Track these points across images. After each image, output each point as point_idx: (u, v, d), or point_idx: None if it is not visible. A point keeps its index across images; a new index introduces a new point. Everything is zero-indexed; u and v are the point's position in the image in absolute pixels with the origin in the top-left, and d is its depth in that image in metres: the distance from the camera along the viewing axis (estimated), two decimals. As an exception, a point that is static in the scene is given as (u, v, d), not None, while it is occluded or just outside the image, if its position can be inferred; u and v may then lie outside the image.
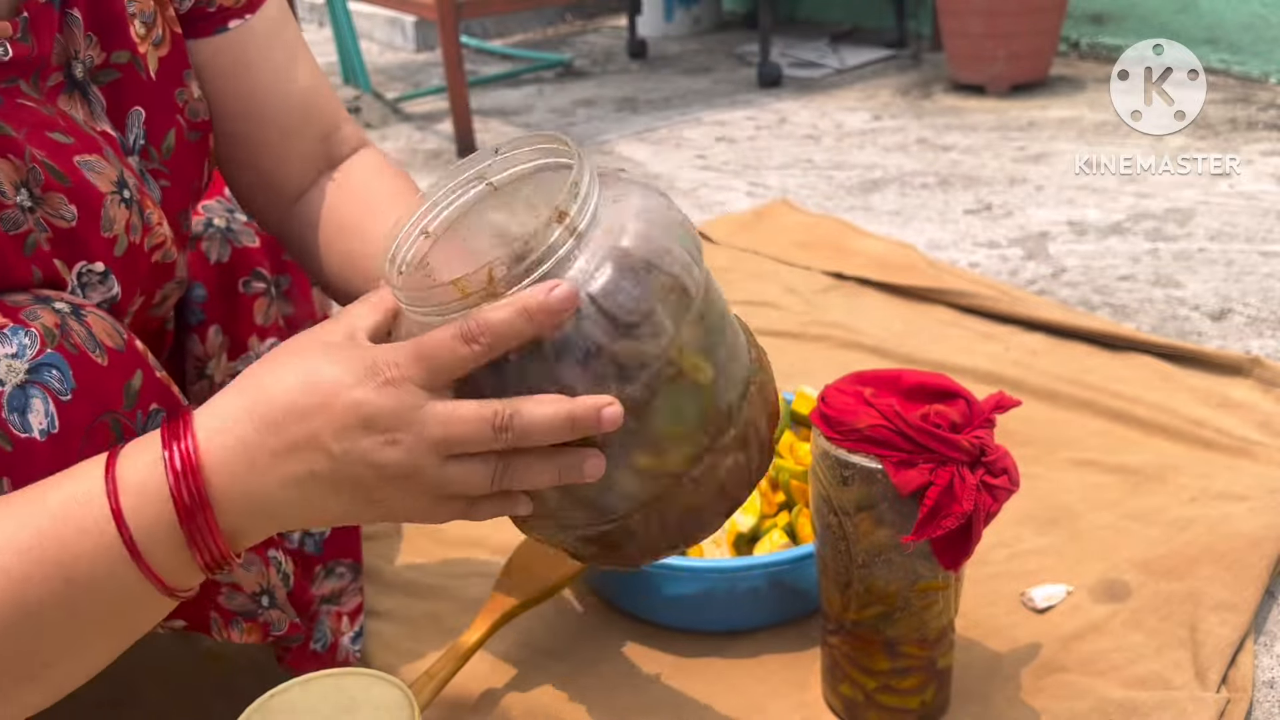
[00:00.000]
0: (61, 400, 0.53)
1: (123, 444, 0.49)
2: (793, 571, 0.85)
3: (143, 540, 0.46)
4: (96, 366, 0.54)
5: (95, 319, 0.56)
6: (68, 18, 0.62)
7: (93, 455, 0.50)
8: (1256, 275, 1.51)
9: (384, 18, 3.87)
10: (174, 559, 0.47)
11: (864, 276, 1.54)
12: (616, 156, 2.36)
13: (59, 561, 0.45)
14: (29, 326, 0.53)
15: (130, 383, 0.56)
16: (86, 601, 0.46)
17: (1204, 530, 0.96)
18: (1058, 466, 1.08)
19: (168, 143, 0.68)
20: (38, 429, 0.52)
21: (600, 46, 3.61)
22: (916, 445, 0.66)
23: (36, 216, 0.58)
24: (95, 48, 0.64)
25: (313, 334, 0.50)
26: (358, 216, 0.73)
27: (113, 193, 0.62)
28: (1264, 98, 2.37)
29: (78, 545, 0.46)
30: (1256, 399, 1.17)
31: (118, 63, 0.65)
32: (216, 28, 0.70)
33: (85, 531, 0.46)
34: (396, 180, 0.77)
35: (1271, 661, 0.85)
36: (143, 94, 0.66)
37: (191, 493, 0.46)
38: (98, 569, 0.46)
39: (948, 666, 0.78)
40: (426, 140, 2.60)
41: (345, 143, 0.79)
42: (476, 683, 0.85)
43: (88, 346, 0.54)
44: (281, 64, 0.73)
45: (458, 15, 2.32)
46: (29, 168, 0.58)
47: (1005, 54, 2.49)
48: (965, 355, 1.31)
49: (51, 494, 0.47)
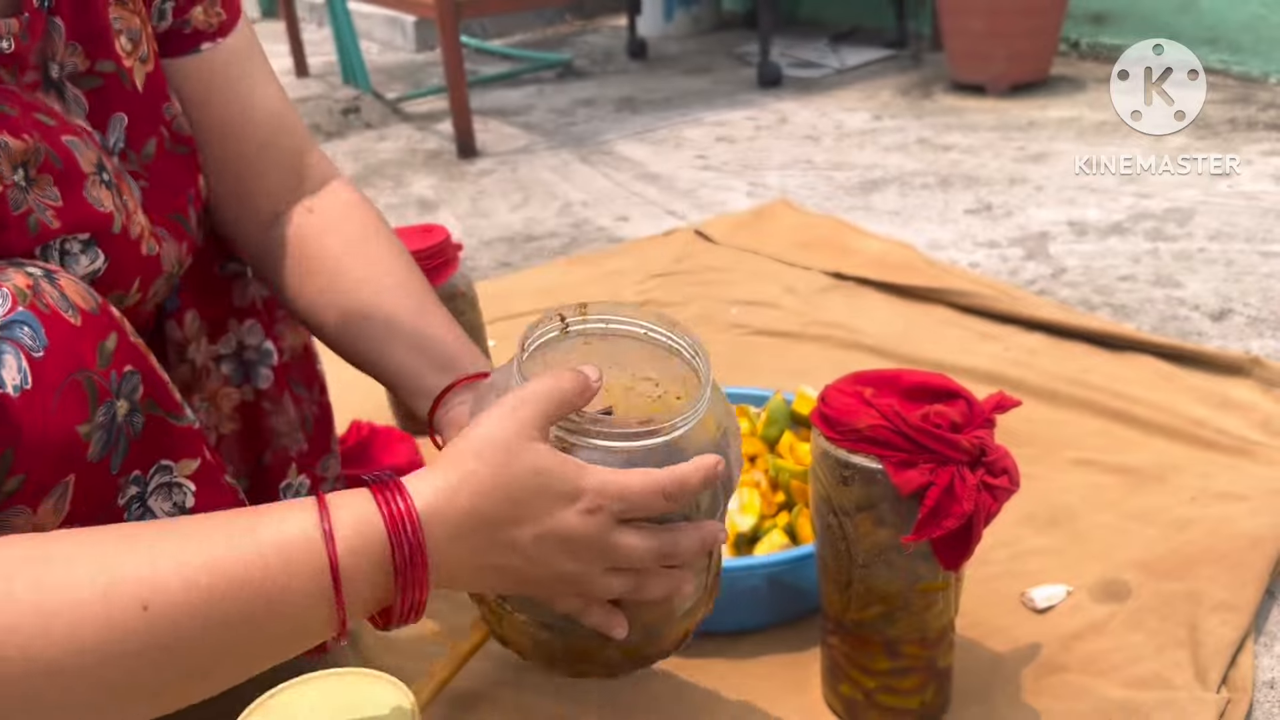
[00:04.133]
0: (34, 357, 0.53)
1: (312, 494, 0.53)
2: (793, 571, 0.85)
3: (347, 587, 0.50)
4: (69, 326, 0.54)
5: (68, 282, 0.56)
6: (50, 24, 0.64)
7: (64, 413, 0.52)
8: (1256, 275, 1.51)
9: (384, 17, 3.87)
10: (362, 608, 0.52)
11: (864, 276, 1.54)
12: (617, 156, 2.36)
13: (264, 591, 0.48)
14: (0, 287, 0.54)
15: (104, 343, 0.56)
16: (272, 628, 0.50)
17: (1204, 530, 0.96)
18: (1058, 466, 1.08)
19: (147, 150, 0.71)
20: (10, 384, 0.52)
21: (600, 46, 3.61)
22: (917, 445, 0.66)
23: (32, 197, 0.60)
24: (79, 55, 0.66)
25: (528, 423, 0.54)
26: (328, 254, 0.77)
27: (93, 174, 0.64)
28: (1264, 98, 2.37)
29: (286, 579, 0.49)
30: (1256, 399, 1.17)
31: (102, 71, 0.67)
32: (190, 48, 0.74)
33: (296, 565, 0.49)
34: (366, 217, 0.80)
35: (1271, 661, 0.85)
36: (126, 103, 0.69)
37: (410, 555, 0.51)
38: (299, 599, 0.49)
39: (948, 666, 0.78)
40: (426, 140, 2.60)
41: (314, 170, 0.81)
42: (477, 683, 0.84)
43: (60, 306, 0.54)
44: (251, 86, 0.77)
45: (457, 15, 2.32)
46: (34, 147, 0.60)
47: (1005, 54, 2.49)
48: (965, 355, 1.31)
49: (261, 526, 0.50)
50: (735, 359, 1.36)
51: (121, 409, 0.56)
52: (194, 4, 0.74)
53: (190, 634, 0.47)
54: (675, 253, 1.72)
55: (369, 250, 0.77)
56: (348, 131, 2.71)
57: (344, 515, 0.51)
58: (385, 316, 0.74)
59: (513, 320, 1.53)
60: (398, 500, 0.52)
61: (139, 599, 0.45)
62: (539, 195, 2.14)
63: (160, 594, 0.46)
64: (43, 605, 0.44)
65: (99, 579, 0.45)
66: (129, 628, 0.45)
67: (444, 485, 0.53)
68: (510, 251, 1.86)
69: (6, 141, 0.58)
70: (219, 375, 0.83)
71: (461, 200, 2.16)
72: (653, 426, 0.55)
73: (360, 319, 0.75)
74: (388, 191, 2.24)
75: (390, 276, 0.76)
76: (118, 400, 0.56)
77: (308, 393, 0.89)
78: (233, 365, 0.84)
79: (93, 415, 0.54)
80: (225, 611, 0.47)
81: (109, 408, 0.55)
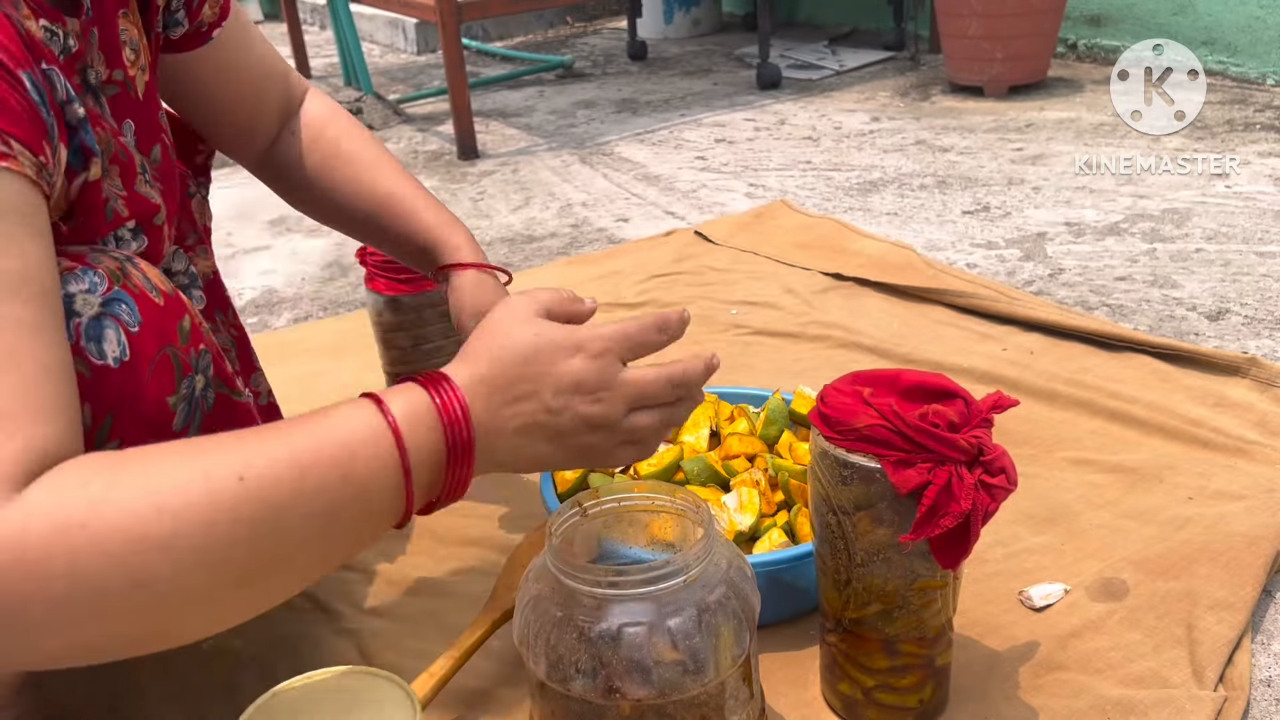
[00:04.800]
0: (131, 331, 0.58)
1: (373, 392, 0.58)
2: (792, 570, 0.85)
3: (414, 465, 0.55)
4: (155, 305, 0.59)
5: (146, 266, 0.61)
6: (91, 32, 0.67)
7: (157, 384, 0.57)
8: (1253, 275, 1.52)
9: (385, 20, 3.88)
10: (425, 487, 0.57)
11: (863, 277, 1.55)
12: (617, 157, 2.37)
13: (341, 462, 0.52)
14: (95, 268, 0.58)
15: (182, 323, 0.62)
16: (349, 505, 0.53)
17: (1201, 529, 0.96)
18: (1055, 466, 1.09)
19: (154, 154, 0.75)
20: (111, 356, 0.56)
21: (600, 48, 3.61)
22: (915, 445, 0.66)
23: (107, 186, 0.64)
24: (102, 65, 0.69)
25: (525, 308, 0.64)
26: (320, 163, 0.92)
27: (140, 173, 0.68)
28: (1261, 99, 2.38)
29: (361, 454, 0.53)
30: (1253, 399, 1.17)
31: (116, 80, 0.70)
32: (205, 40, 0.84)
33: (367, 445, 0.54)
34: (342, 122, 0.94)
35: (1269, 660, 0.85)
36: (133, 110, 0.73)
37: (461, 434, 0.58)
38: (373, 478, 0.54)
39: (946, 665, 0.78)
40: (427, 142, 2.61)
41: (294, 90, 0.94)
42: (478, 680, 0.85)
43: (146, 288, 0.59)
44: (250, 47, 0.88)
45: (459, 17, 2.33)
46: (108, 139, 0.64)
47: (1003, 56, 2.49)
48: (963, 355, 1.31)
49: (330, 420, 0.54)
50: (734, 359, 1.37)
51: (199, 384, 0.61)
52: (203, 6, 0.81)
53: (280, 504, 0.50)
54: (675, 253, 1.73)
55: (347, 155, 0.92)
56: (348, 133, 2.72)
57: (400, 405, 0.56)
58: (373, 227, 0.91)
59: (513, 321, 1.53)
60: (445, 387, 0.58)
61: (234, 473, 0.49)
62: (539, 196, 2.15)
63: (253, 468, 0.49)
64: (150, 486, 0.47)
65: (198, 463, 0.49)
66: (227, 500, 0.48)
67: (472, 369, 0.60)
68: (511, 252, 1.86)
69: (96, 133, 0.61)
70: None
71: (462, 201, 2.16)
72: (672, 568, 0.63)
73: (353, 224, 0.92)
74: (388, 193, 2.24)
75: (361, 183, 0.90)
76: (196, 375, 0.61)
77: (225, 315, 0.93)
78: None
79: (178, 388, 0.59)
80: (306, 482, 0.51)
81: (190, 382, 0.60)
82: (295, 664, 0.88)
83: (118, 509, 0.45)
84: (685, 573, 0.64)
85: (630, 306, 1.55)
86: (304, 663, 0.88)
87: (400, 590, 0.98)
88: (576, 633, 0.64)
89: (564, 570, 0.65)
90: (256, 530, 0.49)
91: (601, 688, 0.63)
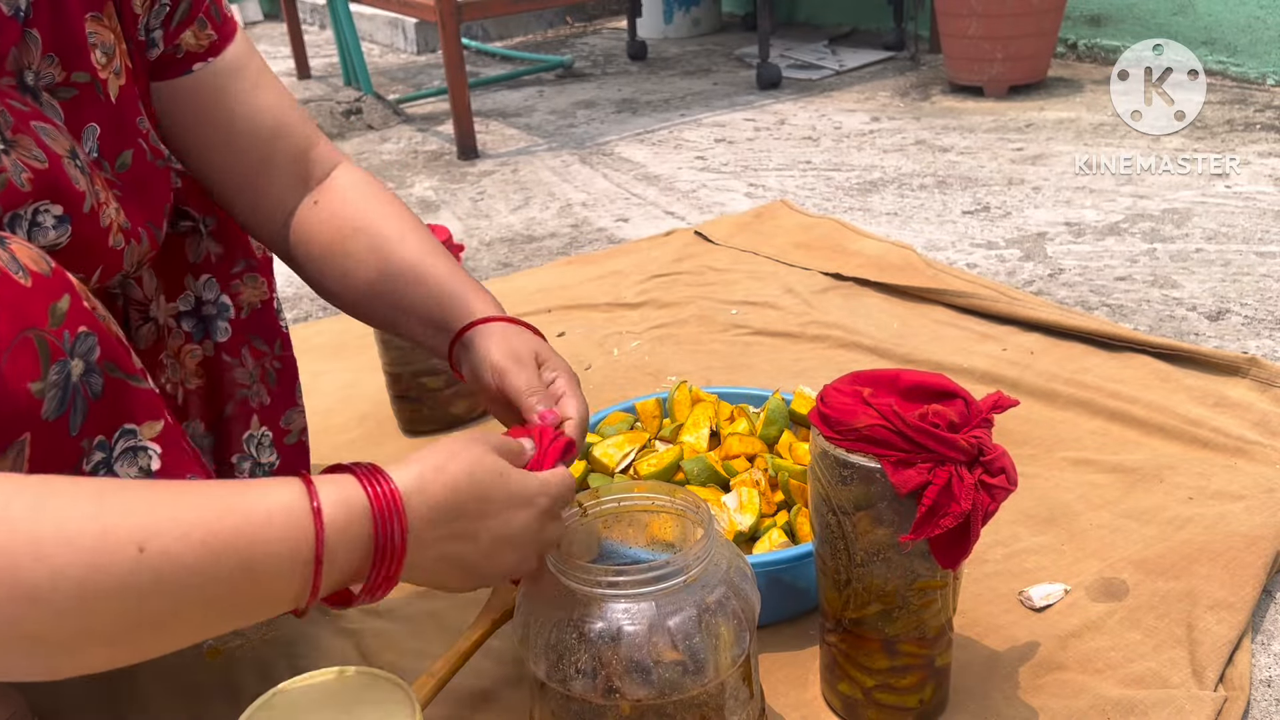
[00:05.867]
0: None
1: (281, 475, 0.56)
2: (791, 570, 0.85)
3: (327, 559, 0.53)
4: (19, 286, 0.54)
5: (20, 246, 0.56)
6: (27, 35, 0.65)
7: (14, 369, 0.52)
8: (1253, 275, 1.52)
9: (385, 20, 3.88)
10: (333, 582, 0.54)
11: (862, 277, 1.55)
12: (617, 157, 2.37)
13: (247, 551, 0.50)
14: None
15: (56, 304, 0.56)
16: (248, 589, 0.51)
17: (1201, 529, 0.96)
18: (1055, 466, 1.09)
19: (123, 160, 0.73)
20: None
21: (600, 48, 3.61)
22: (915, 445, 0.66)
23: (13, 158, 0.61)
24: (56, 66, 0.67)
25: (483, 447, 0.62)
26: (340, 235, 0.82)
27: (66, 158, 0.65)
28: (1261, 99, 2.38)
29: (268, 540, 0.51)
30: (1253, 399, 1.17)
31: (78, 81, 0.69)
32: (183, 71, 0.78)
33: (283, 529, 0.51)
34: (372, 193, 0.85)
35: (1269, 660, 0.85)
36: (100, 113, 0.70)
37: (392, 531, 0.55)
38: (280, 566, 0.51)
39: (946, 665, 0.78)
40: (427, 141, 2.61)
41: (321, 162, 0.85)
42: (478, 681, 0.85)
43: (10, 268, 0.54)
44: (247, 97, 0.80)
45: (458, 17, 2.33)
46: (4, 119, 0.61)
47: (1003, 56, 2.49)
48: (963, 355, 1.31)
49: (251, 494, 0.52)
50: (734, 359, 1.37)
51: (76, 368, 0.56)
52: (183, 29, 0.76)
53: (172, 582, 0.48)
54: (675, 253, 1.73)
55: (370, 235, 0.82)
56: (349, 133, 2.72)
57: (329, 491, 0.54)
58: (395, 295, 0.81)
59: (513, 321, 1.53)
60: (381, 482, 0.56)
61: (135, 540, 0.46)
62: (539, 196, 2.15)
63: (156, 539, 0.47)
64: (38, 531, 0.45)
65: (99, 516, 0.46)
66: (119, 565, 0.46)
67: (419, 474, 0.58)
68: (511, 252, 1.86)
69: None
70: (180, 333, 0.85)
71: (462, 201, 2.16)
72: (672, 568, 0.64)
73: (375, 297, 0.82)
74: (388, 193, 2.24)
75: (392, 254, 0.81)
76: (72, 359, 0.56)
77: (269, 347, 0.91)
78: (192, 322, 0.86)
79: (45, 374, 0.54)
80: (209, 566, 0.49)
81: (62, 366, 0.55)
82: (295, 664, 0.88)
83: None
84: (685, 573, 0.64)
85: (630, 306, 1.55)
86: (304, 663, 0.88)
87: (400, 590, 0.97)
88: (576, 633, 0.64)
89: (564, 570, 0.65)
90: (142, 601, 0.47)
91: (601, 688, 0.63)
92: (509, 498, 0.61)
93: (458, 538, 0.59)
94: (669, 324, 1.48)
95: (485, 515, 0.60)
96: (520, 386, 0.73)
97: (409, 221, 0.84)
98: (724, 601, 0.65)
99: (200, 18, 0.77)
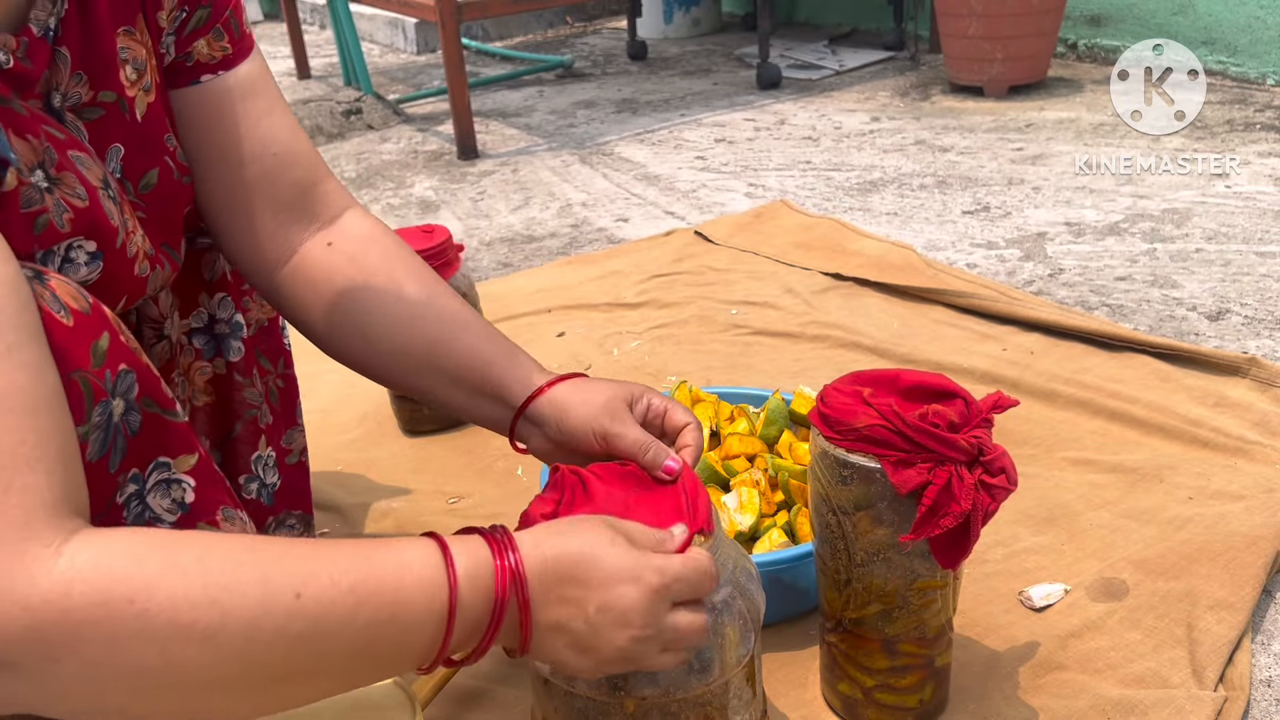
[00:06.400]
0: None
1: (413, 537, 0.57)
2: (792, 570, 0.85)
3: (457, 623, 0.54)
4: (62, 327, 0.54)
5: (59, 283, 0.56)
6: (57, 55, 0.64)
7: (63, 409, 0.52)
8: (1253, 275, 1.52)
9: (385, 20, 3.88)
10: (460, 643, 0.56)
11: (862, 277, 1.55)
12: (617, 157, 2.37)
13: (392, 597, 0.52)
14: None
15: (98, 343, 0.56)
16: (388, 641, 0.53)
17: (1201, 529, 0.96)
18: (1055, 466, 1.09)
19: (148, 180, 0.71)
20: None
21: (600, 48, 3.61)
22: (915, 445, 0.66)
23: (56, 197, 0.60)
24: (83, 85, 0.66)
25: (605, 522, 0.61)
26: (359, 285, 0.77)
27: (101, 189, 0.64)
28: (1261, 99, 2.38)
29: (408, 586, 0.53)
30: (1253, 399, 1.17)
31: (104, 101, 0.68)
32: (191, 80, 0.74)
33: (418, 579, 0.53)
34: (386, 248, 0.80)
35: (1269, 660, 0.85)
36: (125, 133, 0.69)
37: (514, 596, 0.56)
38: (418, 616, 0.53)
39: (946, 665, 0.78)
40: (427, 141, 2.61)
41: (328, 201, 0.80)
42: (477, 681, 0.85)
43: (53, 308, 0.54)
44: (254, 119, 0.76)
45: (458, 17, 2.33)
46: (44, 147, 0.60)
47: (1003, 56, 2.49)
48: (963, 355, 1.31)
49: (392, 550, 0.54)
50: (734, 359, 1.37)
51: (118, 408, 0.57)
52: (196, 37, 0.74)
53: (327, 629, 0.50)
54: (675, 253, 1.73)
55: (393, 282, 0.78)
56: (349, 133, 2.72)
57: (458, 547, 0.56)
58: (420, 351, 0.77)
59: (513, 321, 1.53)
60: (509, 550, 0.57)
61: (292, 587, 0.49)
62: (539, 196, 2.15)
63: (312, 585, 0.50)
64: (209, 578, 0.47)
65: (258, 564, 0.49)
66: (279, 610, 0.48)
67: (535, 532, 0.59)
68: (511, 252, 1.86)
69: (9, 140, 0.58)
70: (191, 350, 0.85)
71: (462, 201, 2.16)
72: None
73: (402, 355, 0.77)
74: (389, 193, 2.24)
75: (416, 306, 0.77)
76: (113, 400, 0.56)
77: (273, 366, 0.91)
78: (204, 339, 0.85)
79: (89, 416, 0.55)
80: (356, 613, 0.51)
81: (104, 407, 0.56)
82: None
83: (169, 593, 0.46)
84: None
85: (630, 306, 1.55)
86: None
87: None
88: None
89: None
90: (298, 646, 0.49)
91: (606, 685, 0.63)
92: (615, 569, 0.59)
93: (566, 602, 0.58)
94: (669, 324, 1.49)
95: (590, 584, 0.58)
96: (630, 447, 0.71)
97: (433, 276, 0.80)
98: (730, 601, 0.65)
99: (217, 28, 0.75)
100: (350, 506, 1.11)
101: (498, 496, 1.12)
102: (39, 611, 0.44)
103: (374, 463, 1.20)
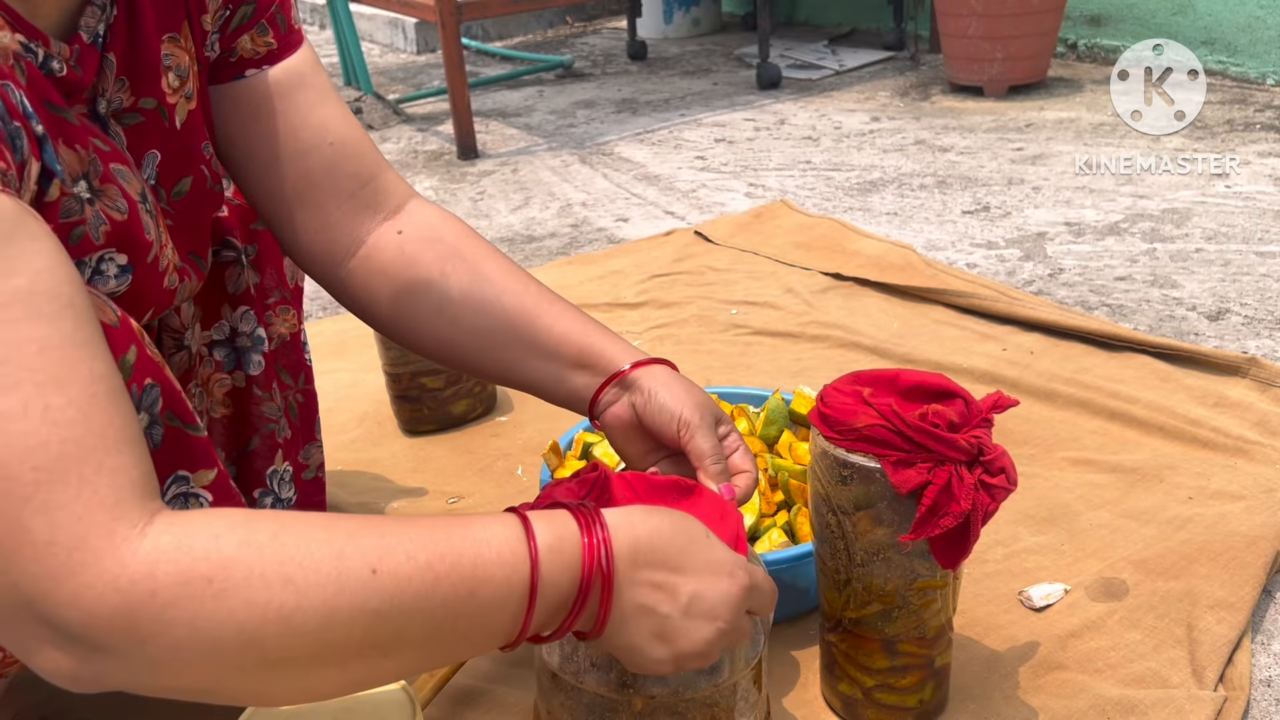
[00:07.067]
0: None
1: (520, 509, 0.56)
2: (791, 570, 0.85)
3: (539, 600, 0.53)
4: None
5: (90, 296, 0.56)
6: (104, 61, 0.64)
7: None
8: (1253, 275, 1.52)
9: (385, 20, 3.88)
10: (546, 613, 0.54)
11: (862, 277, 1.55)
12: (616, 157, 2.37)
13: (470, 573, 0.51)
14: None
15: (125, 357, 0.57)
16: (467, 618, 0.52)
17: (1201, 529, 0.96)
18: (1055, 466, 1.09)
19: (180, 187, 0.71)
20: None
21: (600, 48, 3.61)
22: (915, 445, 0.66)
23: (96, 209, 0.60)
24: (125, 91, 0.66)
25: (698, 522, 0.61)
26: (432, 274, 0.77)
27: (140, 202, 0.64)
28: (1261, 99, 2.38)
29: (487, 563, 0.52)
30: (1253, 399, 1.17)
31: (144, 108, 0.67)
32: (235, 75, 0.74)
33: (499, 555, 0.52)
34: (457, 230, 0.80)
35: (1269, 660, 0.85)
36: (162, 140, 0.69)
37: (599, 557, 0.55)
38: (498, 592, 0.52)
39: (946, 664, 0.78)
40: (427, 141, 2.61)
41: (390, 190, 0.80)
42: (477, 681, 0.85)
43: None
44: (305, 110, 0.75)
45: (458, 17, 2.33)
46: (91, 158, 0.60)
47: (1003, 56, 2.49)
48: (963, 355, 1.31)
49: (472, 527, 0.53)
50: (734, 359, 1.37)
51: (142, 423, 0.57)
52: (240, 34, 0.73)
53: (403, 605, 0.49)
54: (675, 253, 1.73)
55: (472, 262, 0.78)
56: (348, 133, 2.72)
57: (542, 522, 0.55)
58: (507, 327, 0.76)
59: (513, 321, 1.53)
60: (597, 525, 0.55)
61: (368, 563, 0.49)
62: (539, 196, 2.15)
63: (388, 561, 0.49)
64: (284, 555, 0.47)
65: (332, 541, 0.49)
66: (355, 586, 0.48)
67: (628, 513, 0.58)
68: (511, 252, 1.86)
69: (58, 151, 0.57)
70: (211, 361, 0.84)
71: (462, 201, 2.16)
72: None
73: (489, 332, 0.77)
74: (388, 193, 2.24)
75: (500, 284, 0.77)
76: (139, 413, 0.56)
77: (293, 380, 0.90)
78: (225, 351, 0.85)
79: None
80: (434, 589, 0.50)
81: None
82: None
83: (246, 571, 0.46)
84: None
85: (630, 306, 1.55)
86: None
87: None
88: None
89: None
90: (375, 622, 0.49)
91: (615, 682, 0.63)
92: (711, 560, 0.58)
93: (658, 588, 0.57)
94: (669, 324, 1.49)
95: (685, 570, 0.57)
96: (705, 450, 0.72)
97: (505, 256, 0.80)
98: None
99: (261, 23, 0.74)
100: (350, 506, 1.11)
101: (498, 496, 1.12)
102: (129, 593, 0.44)
103: (374, 463, 1.20)
